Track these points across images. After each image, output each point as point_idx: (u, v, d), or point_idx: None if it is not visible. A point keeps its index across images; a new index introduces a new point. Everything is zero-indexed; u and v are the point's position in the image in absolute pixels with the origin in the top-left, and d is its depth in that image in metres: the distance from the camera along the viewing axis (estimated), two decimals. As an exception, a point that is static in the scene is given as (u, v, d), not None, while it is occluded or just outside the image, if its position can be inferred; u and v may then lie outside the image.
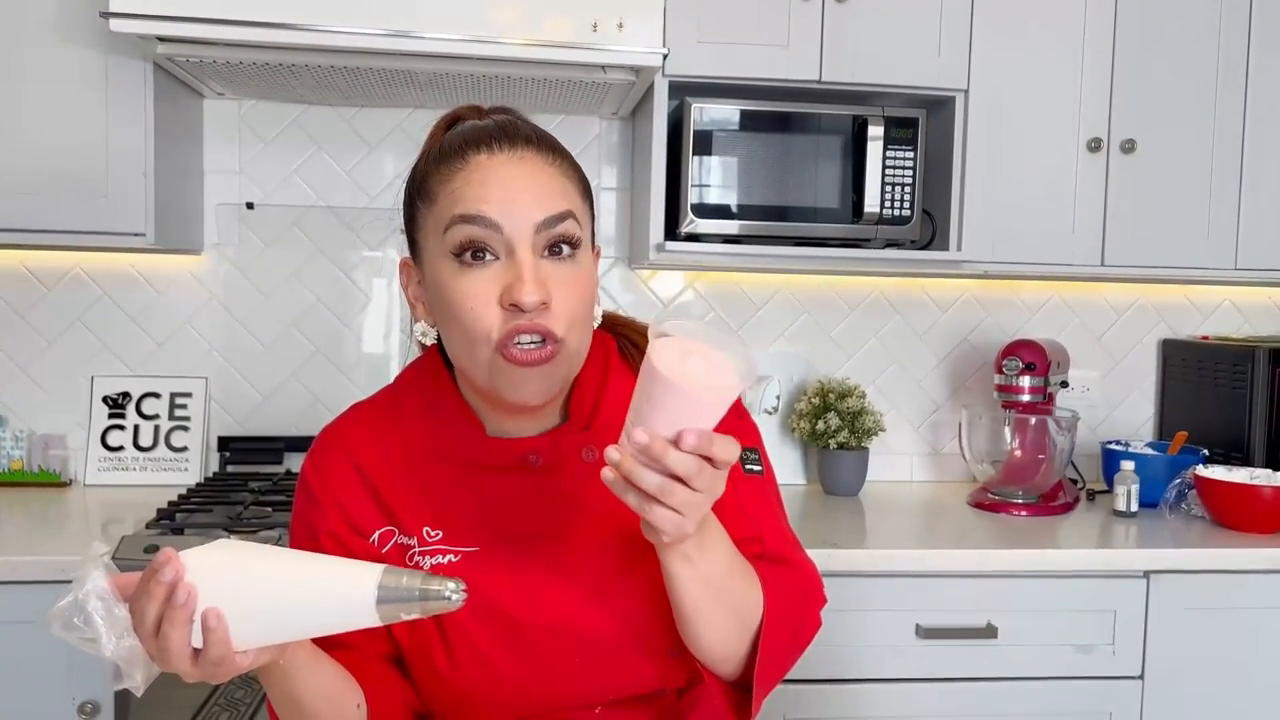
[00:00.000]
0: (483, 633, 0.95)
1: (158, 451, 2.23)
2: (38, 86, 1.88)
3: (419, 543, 0.97)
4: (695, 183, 2.04)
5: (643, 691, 1.00)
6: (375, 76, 1.97)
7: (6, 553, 1.68)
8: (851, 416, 2.25)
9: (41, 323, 2.23)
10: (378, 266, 2.32)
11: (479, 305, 0.90)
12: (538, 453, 0.99)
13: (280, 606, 0.76)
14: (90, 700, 1.67)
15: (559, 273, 0.92)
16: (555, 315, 0.91)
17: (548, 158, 0.95)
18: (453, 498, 0.99)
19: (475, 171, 0.92)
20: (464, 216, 0.90)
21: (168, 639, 0.75)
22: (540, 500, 0.98)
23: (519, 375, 0.90)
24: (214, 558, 0.77)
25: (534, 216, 0.91)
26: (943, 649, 1.85)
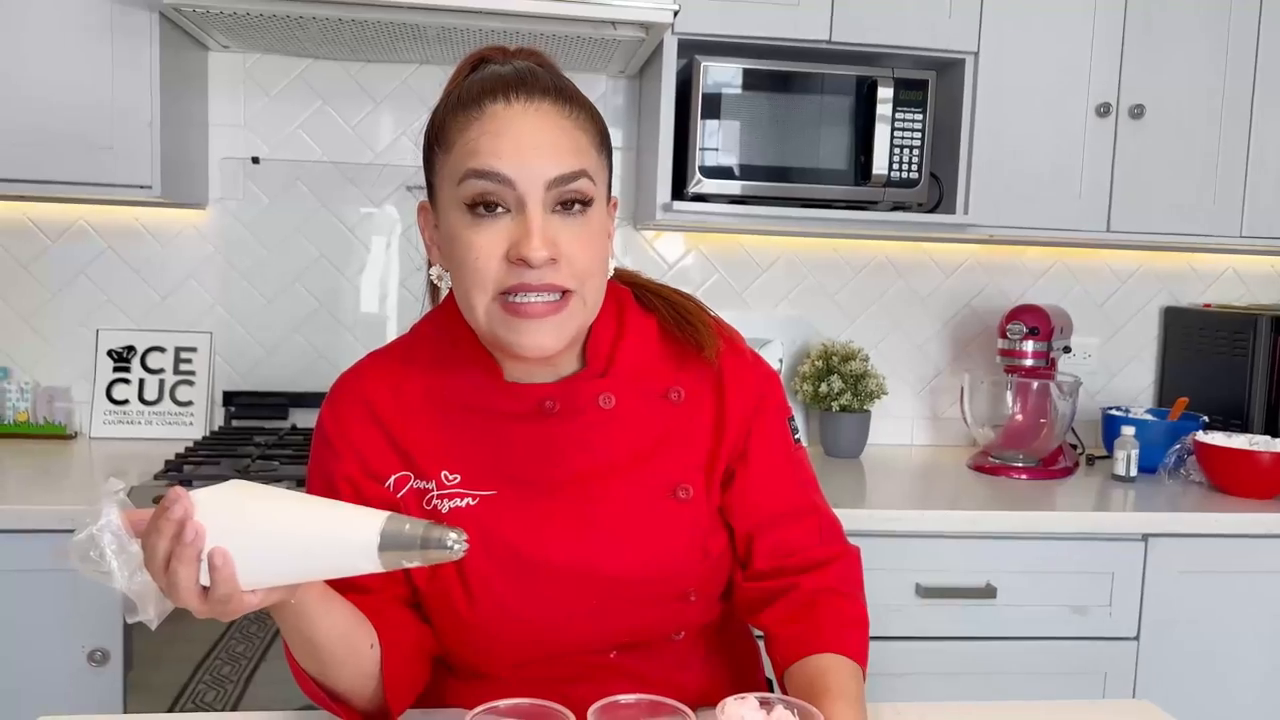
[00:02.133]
0: (500, 576, 0.96)
1: (162, 405, 2.24)
2: (42, 36, 1.86)
3: (437, 486, 0.98)
4: (703, 143, 2.03)
5: (657, 635, 1.02)
6: (381, 30, 1.95)
7: (13, 502, 1.69)
8: (854, 379, 2.26)
9: (45, 275, 2.23)
10: (380, 223, 2.31)
11: (484, 257, 0.90)
12: (554, 399, 1.00)
13: (286, 548, 0.77)
14: (99, 648, 1.68)
15: (570, 228, 0.92)
16: (564, 270, 0.91)
17: (565, 110, 0.94)
18: (471, 442, 0.99)
19: (490, 122, 0.91)
20: (476, 171, 0.90)
21: (176, 576, 0.76)
22: (557, 445, 0.99)
23: (520, 326, 0.91)
24: (223, 498, 0.78)
25: (546, 173, 0.91)
26: (942, 608, 1.88)
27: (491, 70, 0.97)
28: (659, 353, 1.05)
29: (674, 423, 1.02)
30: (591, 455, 0.99)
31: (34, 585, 1.67)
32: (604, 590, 0.97)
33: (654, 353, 1.05)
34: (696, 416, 1.03)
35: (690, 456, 1.02)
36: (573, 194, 0.92)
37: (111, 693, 1.69)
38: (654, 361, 1.04)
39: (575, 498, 0.98)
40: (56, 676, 1.68)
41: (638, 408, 1.01)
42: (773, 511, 1.04)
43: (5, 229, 2.21)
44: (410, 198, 2.31)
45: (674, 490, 1.00)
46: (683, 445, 1.02)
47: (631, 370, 1.02)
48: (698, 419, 1.03)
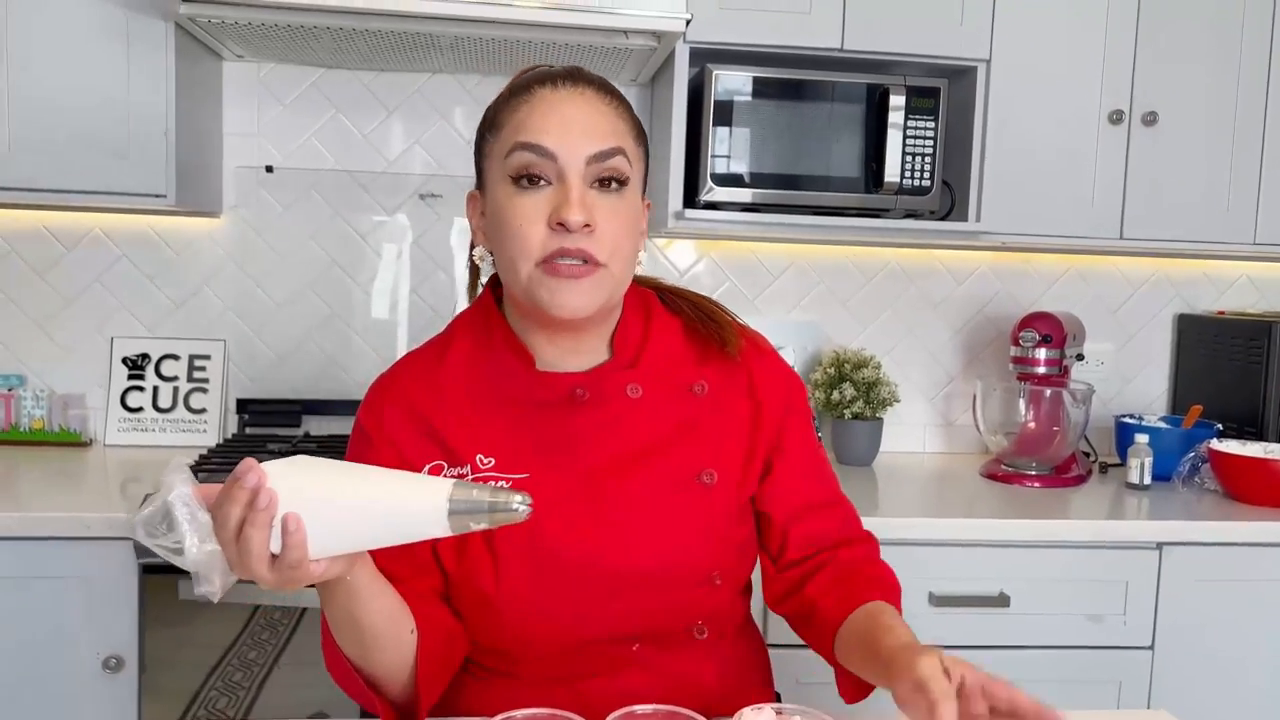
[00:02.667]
0: (530, 554, 0.99)
1: (176, 412, 2.25)
2: (59, 45, 1.88)
3: (472, 469, 1.02)
4: (715, 151, 2.03)
5: (681, 623, 1.05)
6: (394, 40, 1.96)
7: (29, 509, 1.71)
8: (866, 387, 2.26)
9: (61, 282, 2.24)
10: (393, 231, 2.32)
11: (527, 223, 0.97)
12: (584, 387, 1.04)
13: (355, 516, 0.79)
14: (114, 654, 1.69)
15: (606, 203, 0.99)
16: (598, 241, 0.97)
17: (606, 98, 1.02)
18: (505, 429, 1.04)
19: (539, 103, 0.99)
20: (523, 144, 0.97)
21: (249, 541, 0.77)
22: (587, 431, 1.04)
23: (557, 285, 0.97)
24: (293, 469, 0.80)
25: (587, 149, 0.98)
26: (955, 617, 1.87)
27: (545, 68, 1.04)
28: (684, 349, 1.10)
29: (699, 414, 1.07)
30: (620, 441, 1.04)
31: (50, 592, 1.68)
32: (630, 570, 1.01)
33: (679, 349, 1.10)
34: (725, 410, 1.09)
35: (718, 445, 1.07)
36: (610, 171, 0.99)
37: (126, 699, 1.70)
38: (679, 357, 1.09)
39: (605, 481, 1.03)
40: (72, 683, 1.68)
41: (664, 398, 1.07)
42: (806, 501, 1.12)
43: (22, 237, 2.22)
44: (422, 205, 2.32)
45: (699, 475, 1.05)
46: (709, 434, 1.07)
47: (658, 364, 1.07)
48: (727, 412, 1.09)
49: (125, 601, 1.69)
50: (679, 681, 1.04)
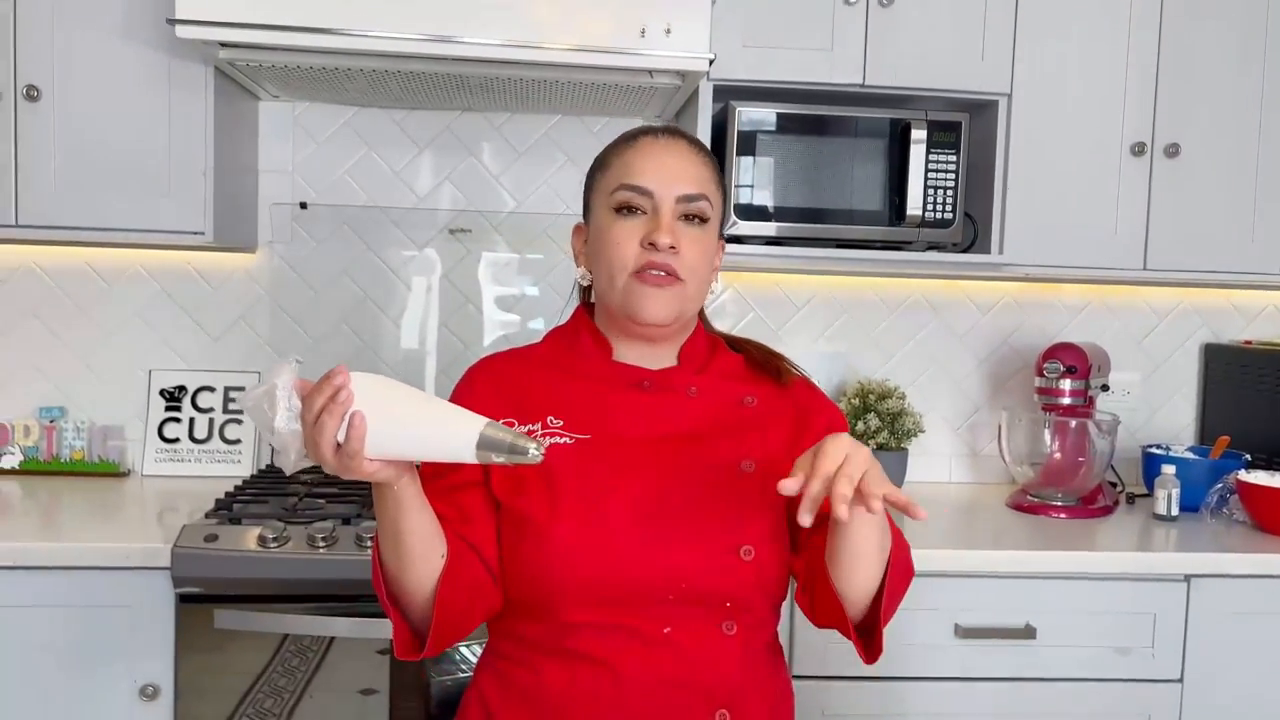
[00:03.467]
0: (582, 497, 1.13)
1: (212, 444, 2.30)
2: (103, 87, 1.95)
3: (542, 426, 1.18)
4: (738, 185, 2.07)
5: (708, 593, 1.12)
6: (424, 80, 2.01)
7: (69, 539, 1.75)
8: (891, 418, 2.27)
9: (102, 317, 2.31)
10: (422, 265, 2.37)
11: (624, 242, 1.17)
12: (651, 380, 1.22)
13: (406, 428, 0.95)
14: (151, 683, 1.73)
15: (689, 233, 1.18)
16: (681, 260, 1.16)
17: (697, 151, 1.22)
18: (576, 398, 1.21)
19: (643, 149, 1.20)
20: (626, 185, 1.18)
21: (323, 427, 0.93)
22: (648, 411, 1.20)
23: (646, 293, 1.16)
24: (372, 381, 0.96)
25: (678, 190, 1.18)
26: (981, 648, 1.87)
27: (648, 125, 1.30)
28: (741, 374, 1.28)
29: (747, 420, 1.22)
30: (675, 424, 1.19)
31: (90, 620, 1.72)
32: (668, 523, 1.12)
33: (737, 373, 1.28)
34: (770, 422, 1.22)
35: (760, 445, 1.20)
36: (695, 210, 1.19)
37: (162, 727, 1.73)
38: (736, 377, 1.27)
39: (655, 453, 1.17)
40: (109, 710, 1.72)
41: (718, 402, 1.23)
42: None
43: (65, 273, 2.29)
44: (452, 240, 2.36)
45: (741, 462, 1.18)
46: (753, 436, 1.20)
47: (716, 378, 1.25)
48: (772, 424, 1.22)
49: (162, 630, 1.73)
50: (705, 670, 1.11)
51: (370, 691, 1.77)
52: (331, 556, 1.72)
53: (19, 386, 2.29)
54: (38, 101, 1.93)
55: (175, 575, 1.70)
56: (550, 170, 2.39)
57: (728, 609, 1.12)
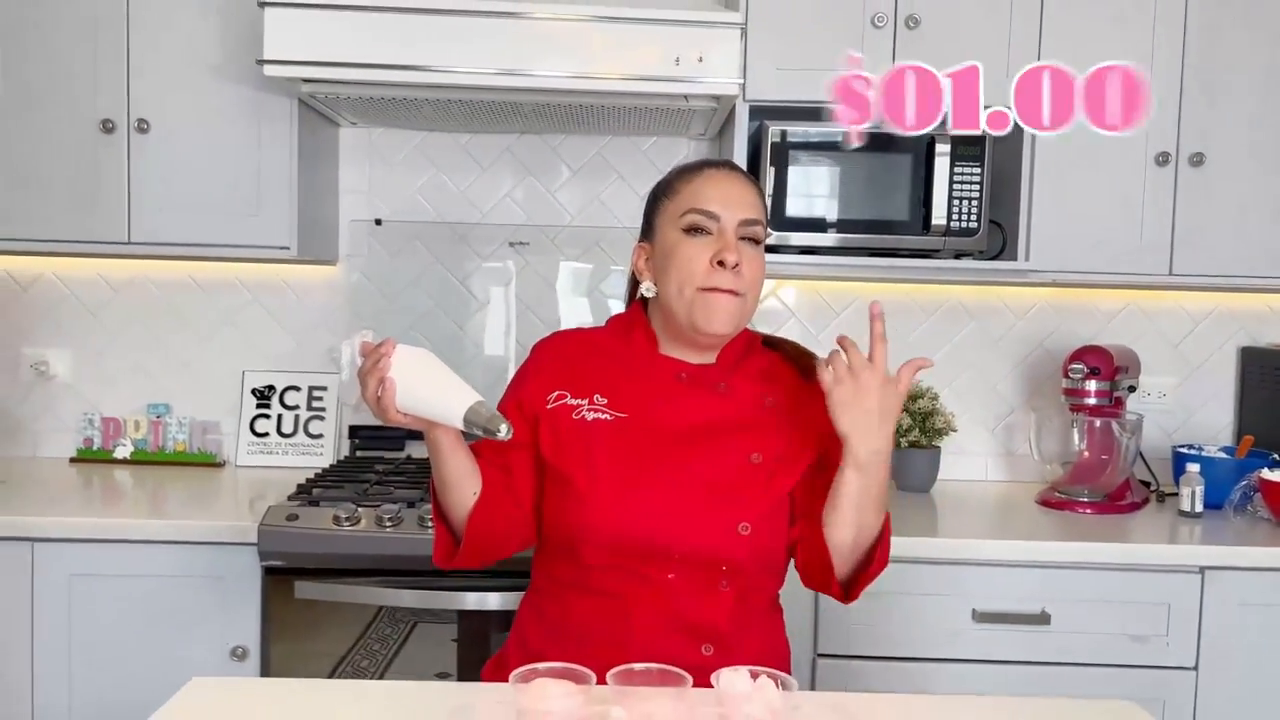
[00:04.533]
0: (614, 465, 1.33)
1: (297, 437, 2.54)
2: (202, 120, 2.20)
3: (589, 403, 1.38)
4: (772, 197, 2.22)
5: (709, 557, 1.30)
6: (486, 107, 2.22)
7: (174, 519, 1.99)
8: (922, 417, 2.39)
9: (201, 324, 2.57)
10: (487, 276, 2.58)
11: (694, 260, 1.34)
12: (688, 373, 1.40)
13: (420, 393, 1.21)
14: (240, 645, 1.95)
15: (748, 251, 1.36)
16: (742, 278, 1.34)
17: (750, 182, 1.42)
18: (621, 382, 1.39)
19: (709, 179, 1.39)
20: (696, 209, 1.36)
21: (366, 383, 1.22)
22: (681, 399, 1.38)
23: (715, 305, 1.33)
24: (409, 353, 1.23)
25: (740, 215, 1.36)
26: (998, 633, 1.98)
27: (705, 158, 1.51)
28: (772, 374, 1.44)
29: (765, 418, 1.39)
30: (702, 414, 1.37)
31: (189, 589, 1.96)
32: (682, 498, 1.31)
33: (767, 374, 1.44)
34: (785, 422, 1.39)
35: (773, 440, 1.37)
36: (752, 233, 1.37)
37: (250, 684, 1.95)
38: (763, 380, 1.43)
39: (681, 437, 1.35)
40: (203, 668, 1.94)
41: (743, 399, 1.39)
42: None
43: (170, 285, 2.56)
44: (513, 252, 2.57)
45: (750, 456, 1.35)
46: (768, 431, 1.37)
47: (745, 378, 1.42)
48: (786, 424, 1.39)
49: (250, 598, 1.95)
50: (697, 614, 1.30)
51: (445, 675, 1.97)
52: (398, 535, 1.92)
53: (130, 386, 2.57)
54: (147, 133, 2.19)
55: (261, 550, 1.92)
56: (603, 186, 2.58)
57: (724, 571, 1.30)
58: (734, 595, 1.31)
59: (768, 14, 2.18)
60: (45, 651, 1.95)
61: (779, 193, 2.22)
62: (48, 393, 2.56)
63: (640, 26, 2.00)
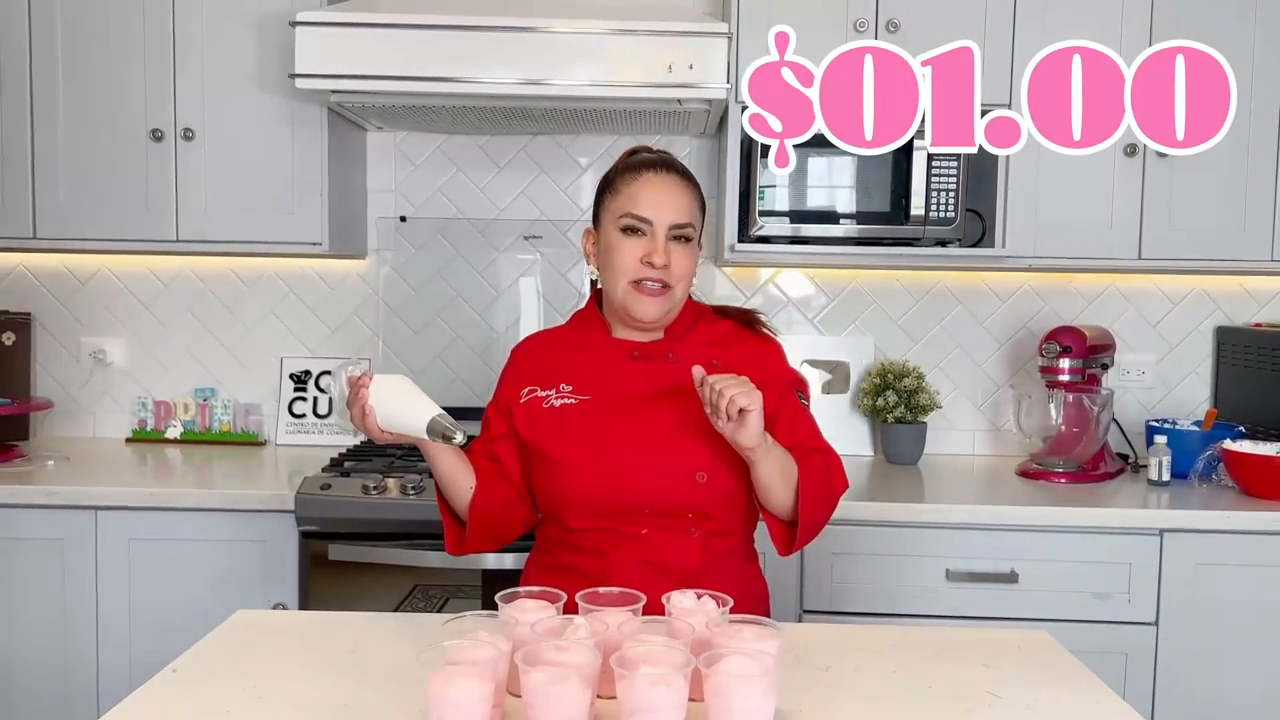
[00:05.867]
0: (584, 437, 1.50)
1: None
2: (241, 128, 2.42)
3: (556, 392, 1.55)
4: (763, 187, 2.39)
5: (676, 508, 1.47)
6: (503, 112, 2.41)
7: (219, 489, 2.22)
8: (908, 394, 2.56)
9: (243, 314, 2.80)
10: (504, 268, 2.78)
11: (626, 257, 1.50)
12: (639, 350, 1.57)
13: (395, 414, 1.38)
14: (280, 602, 2.18)
15: (678, 250, 1.51)
16: (670, 272, 1.50)
17: (684, 184, 1.55)
18: (582, 369, 1.57)
19: (646, 184, 1.52)
20: (631, 214, 1.51)
21: (352, 409, 1.41)
22: (635, 375, 1.55)
23: (644, 301, 1.50)
24: (385, 381, 1.40)
25: (670, 220, 1.51)
26: (968, 591, 2.15)
27: (642, 154, 1.60)
28: (717, 341, 1.59)
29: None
30: (654, 383, 1.54)
31: (234, 552, 2.18)
32: (643, 457, 1.48)
33: (713, 340, 1.59)
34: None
35: None
36: (682, 233, 1.53)
37: (289, 637, 2.17)
38: (709, 345, 1.58)
39: (640, 406, 1.52)
40: (249, 622, 2.17)
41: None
42: (790, 443, 1.51)
43: (213, 278, 2.79)
44: (528, 246, 2.76)
45: (699, 411, 1.44)
46: None
47: (691, 346, 1.57)
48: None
49: (289, 560, 2.17)
50: (670, 558, 1.47)
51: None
52: (420, 501, 2.13)
53: (179, 371, 2.81)
54: (192, 141, 2.41)
55: (298, 516, 2.14)
56: (610, 183, 2.77)
57: (690, 519, 1.48)
58: (702, 540, 1.49)
59: (756, 20, 2.35)
60: (109, 607, 2.19)
61: (768, 186, 2.40)
62: (105, 379, 2.81)
63: (637, 38, 2.19)
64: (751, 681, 0.97)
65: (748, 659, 0.99)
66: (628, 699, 0.97)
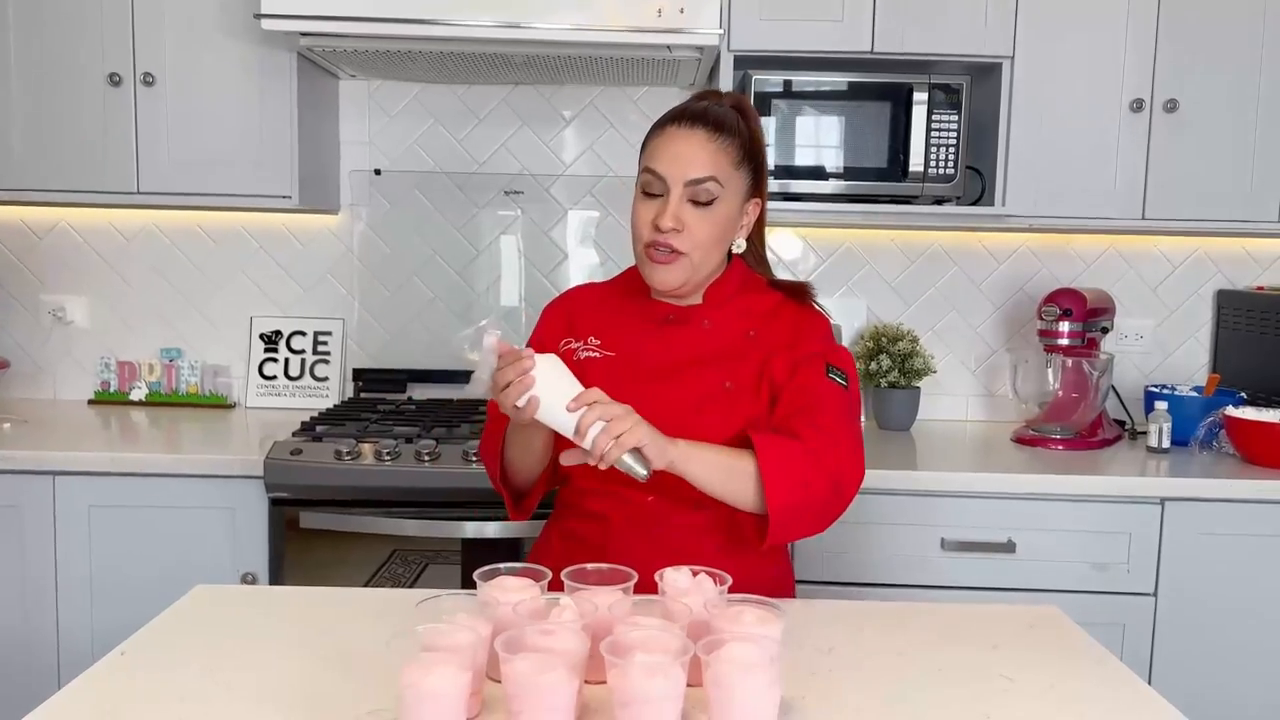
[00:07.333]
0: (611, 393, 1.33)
1: (303, 380, 2.65)
2: (206, 74, 2.29)
3: (584, 344, 1.49)
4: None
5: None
6: (478, 59, 2.29)
7: (186, 454, 2.12)
8: (902, 358, 2.48)
9: (212, 271, 2.68)
10: (483, 224, 2.66)
11: (641, 220, 1.43)
12: (675, 315, 1.50)
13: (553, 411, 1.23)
14: (249, 571, 2.08)
15: (696, 214, 1.40)
16: (684, 238, 1.40)
17: (713, 136, 1.41)
18: (615, 325, 1.51)
19: (664, 138, 1.42)
20: (647, 169, 1.43)
21: (508, 395, 1.23)
22: (664, 338, 1.48)
23: (654, 268, 1.43)
24: (547, 364, 1.24)
25: (686, 175, 1.39)
26: (964, 561, 2.09)
27: (686, 104, 1.47)
28: (762, 313, 1.50)
29: (746, 349, 1.47)
30: (684, 350, 1.47)
31: (202, 519, 2.08)
32: (658, 424, 1.31)
33: (757, 311, 1.50)
34: (766, 349, 1.46)
35: (747, 369, 1.45)
36: (701, 193, 1.40)
37: (260, 608, 2.08)
38: (750, 316, 1.49)
39: (663, 372, 1.45)
40: (218, 593, 2.08)
41: (726, 333, 1.48)
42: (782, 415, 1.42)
43: (180, 234, 2.67)
44: (509, 202, 2.65)
45: (724, 384, 1.44)
46: (746, 361, 1.46)
47: (732, 315, 1.49)
48: (767, 351, 1.46)
49: (258, 528, 2.08)
50: (673, 532, 1.40)
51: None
52: (397, 468, 2.04)
53: (144, 331, 2.69)
54: (152, 86, 2.28)
55: (267, 482, 2.04)
56: (594, 136, 2.65)
57: (698, 496, 1.36)
58: (707, 517, 1.40)
59: (751, -35, 2.24)
60: (68, 576, 2.09)
61: (762, 141, 2.29)
62: (66, 338, 2.68)
63: (624, -21, 2.07)
64: (756, 671, 0.89)
65: (751, 646, 0.91)
66: (621, 689, 0.88)
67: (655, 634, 0.94)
